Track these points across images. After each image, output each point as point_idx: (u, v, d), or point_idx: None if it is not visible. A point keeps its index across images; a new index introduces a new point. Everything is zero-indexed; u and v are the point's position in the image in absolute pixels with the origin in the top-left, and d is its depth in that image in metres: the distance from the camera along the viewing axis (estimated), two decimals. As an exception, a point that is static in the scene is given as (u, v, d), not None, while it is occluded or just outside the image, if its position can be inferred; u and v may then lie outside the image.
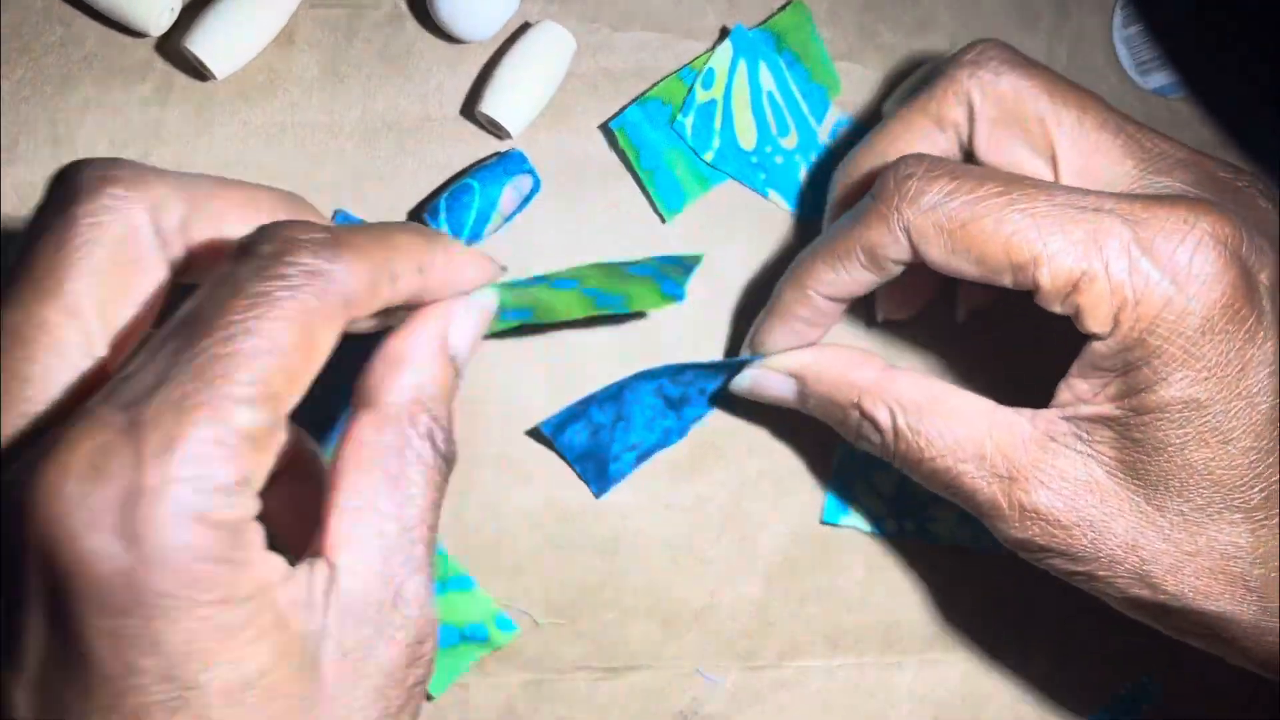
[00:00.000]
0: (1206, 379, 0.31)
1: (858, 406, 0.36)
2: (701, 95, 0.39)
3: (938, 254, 0.33)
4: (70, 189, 0.28)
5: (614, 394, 0.39)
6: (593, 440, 0.39)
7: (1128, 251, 0.31)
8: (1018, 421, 0.34)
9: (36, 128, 0.38)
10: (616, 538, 0.40)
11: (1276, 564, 0.32)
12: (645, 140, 0.39)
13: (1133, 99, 0.42)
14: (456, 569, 0.39)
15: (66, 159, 0.38)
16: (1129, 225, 0.31)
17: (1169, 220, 0.31)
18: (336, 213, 0.38)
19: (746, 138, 0.40)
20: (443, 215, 0.37)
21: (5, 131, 0.38)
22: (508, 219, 0.38)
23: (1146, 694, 0.42)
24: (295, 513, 0.30)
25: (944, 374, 0.41)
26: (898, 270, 0.35)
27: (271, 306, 0.25)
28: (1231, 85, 0.43)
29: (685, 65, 0.39)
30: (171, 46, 0.38)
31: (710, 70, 0.39)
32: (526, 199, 0.38)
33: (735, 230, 0.40)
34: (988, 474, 0.34)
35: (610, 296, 0.34)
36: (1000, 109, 0.35)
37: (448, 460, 0.29)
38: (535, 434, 0.40)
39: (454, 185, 0.38)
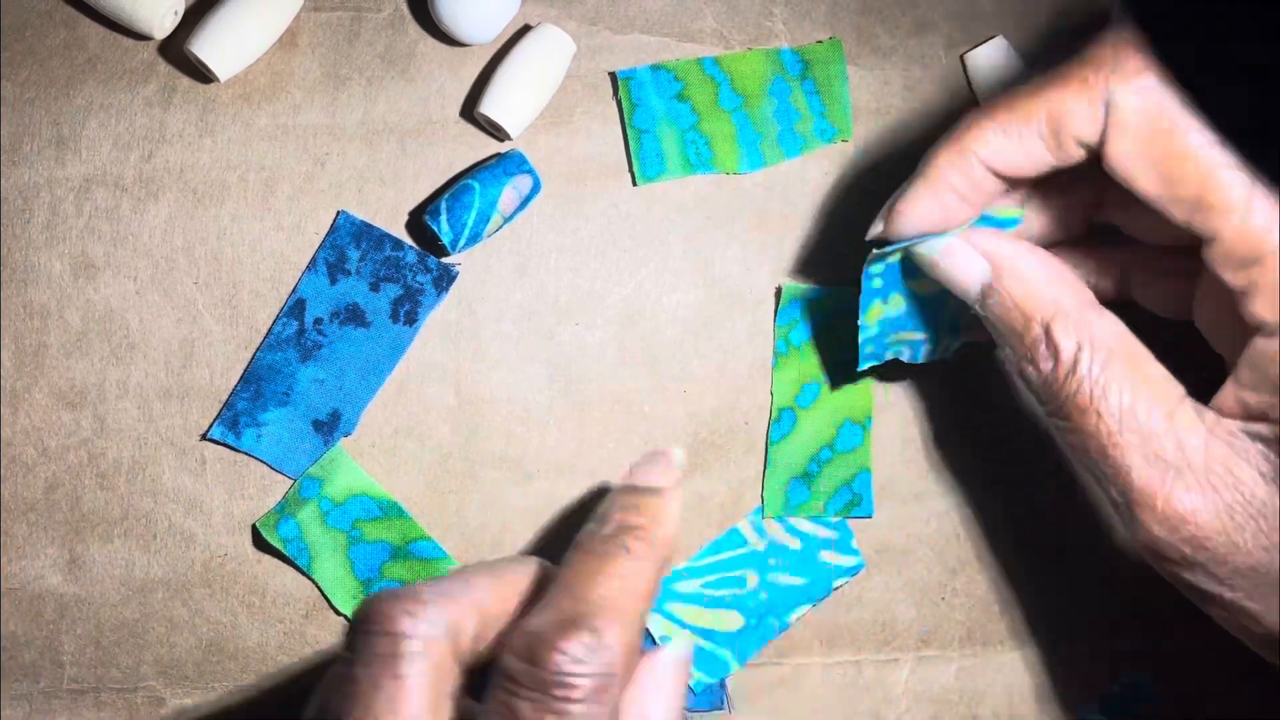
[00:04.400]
0: None
1: (1046, 326, 0.31)
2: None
3: (1127, 151, 0.29)
4: (378, 632, 0.29)
5: None
6: None
7: None
8: (1202, 416, 0.30)
9: (40, 129, 0.38)
10: (616, 536, 0.41)
11: None
12: (645, 101, 0.39)
13: (1128, 101, 0.42)
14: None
15: (70, 161, 0.38)
16: None
17: None
18: (339, 214, 0.39)
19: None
20: (443, 216, 0.38)
21: (8, 133, 0.38)
22: (508, 219, 0.39)
23: (1143, 692, 0.43)
24: None
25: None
26: (1078, 156, 0.30)
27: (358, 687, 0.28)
28: (1230, 86, 0.43)
29: (709, 56, 0.39)
30: (174, 49, 0.38)
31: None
32: (527, 199, 0.38)
33: (733, 232, 0.40)
34: (1152, 455, 0.30)
35: None
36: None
37: None
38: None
39: (455, 186, 0.38)
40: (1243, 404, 0.30)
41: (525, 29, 0.39)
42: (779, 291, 0.40)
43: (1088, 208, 0.35)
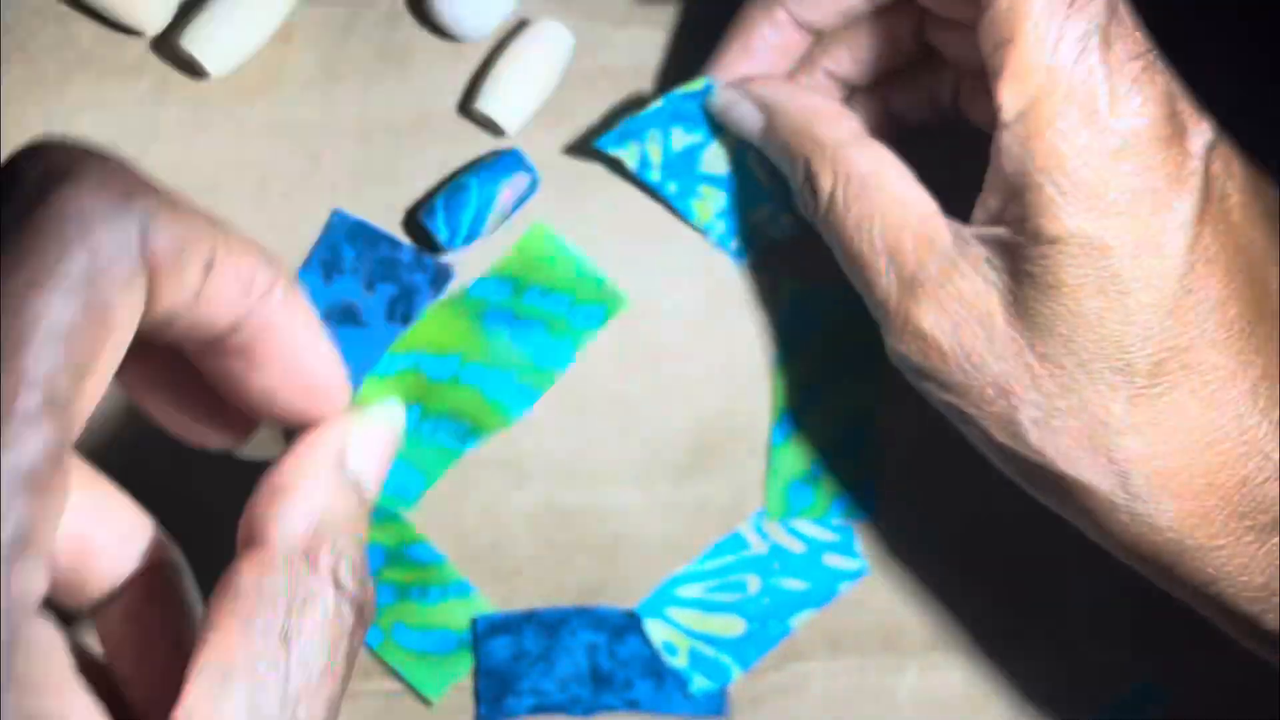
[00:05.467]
0: (1115, 216, 0.29)
1: (807, 163, 0.33)
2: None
3: None
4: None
5: (554, 623, 0.39)
6: (511, 664, 0.39)
7: (1086, 41, 0.28)
8: (943, 232, 0.31)
9: (32, 128, 0.37)
10: (616, 540, 0.40)
11: (1148, 439, 0.30)
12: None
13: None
14: (454, 574, 0.39)
15: (62, 158, 0.38)
16: (1104, 21, 0.29)
17: (1134, 43, 0.29)
18: (334, 212, 0.38)
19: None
20: (440, 215, 0.37)
21: (2, 132, 0.37)
22: (506, 217, 0.38)
23: (1150, 697, 0.42)
24: (150, 665, 0.24)
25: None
26: None
27: (44, 269, 0.18)
28: (1232, 81, 0.42)
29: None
30: (167, 45, 0.38)
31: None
32: (524, 197, 0.38)
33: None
34: (894, 273, 0.31)
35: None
36: None
37: (359, 606, 0.23)
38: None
39: (451, 184, 0.38)
40: (984, 206, 0.31)
41: (523, 24, 0.39)
42: (781, 290, 0.40)
43: (913, 31, 0.36)
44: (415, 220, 0.38)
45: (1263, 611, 0.31)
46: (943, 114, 0.37)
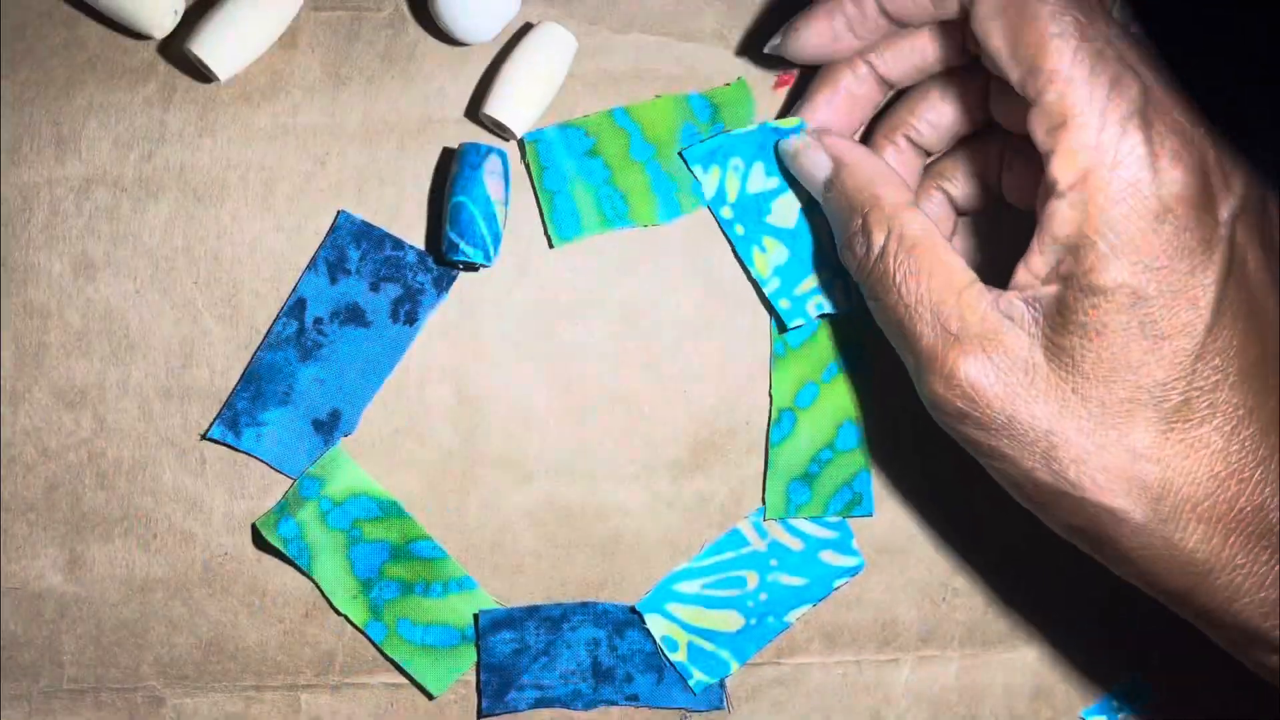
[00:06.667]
0: (1156, 270, 0.32)
1: (864, 217, 0.36)
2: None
3: (988, 9, 0.34)
4: None
5: (556, 618, 0.40)
6: (513, 658, 0.40)
7: (1127, 123, 0.32)
8: (984, 294, 0.35)
9: (39, 129, 0.38)
10: (617, 537, 0.40)
11: (1177, 468, 0.33)
12: (554, 162, 0.39)
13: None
14: (457, 569, 0.39)
15: (69, 160, 0.38)
16: (1141, 105, 0.32)
17: (1171, 121, 0.33)
18: (339, 214, 0.38)
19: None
20: (462, 244, 0.37)
21: (8, 133, 0.38)
22: (507, 202, 0.38)
23: (1143, 693, 0.43)
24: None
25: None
26: (953, 10, 0.35)
27: None
28: (1231, 82, 0.43)
29: (619, 107, 0.40)
30: (174, 49, 0.38)
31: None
32: (506, 173, 0.38)
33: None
34: (939, 327, 0.35)
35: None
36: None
37: None
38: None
39: (448, 212, 0.38)
40: (1029, 268, 0.34)
41: (527, 27, 0.39)
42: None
43: (980, 101, 0.39)
44: (442, 263, 0.39)
45: (1274, 626, 0.34)
46: (987, 195, 0.40)
